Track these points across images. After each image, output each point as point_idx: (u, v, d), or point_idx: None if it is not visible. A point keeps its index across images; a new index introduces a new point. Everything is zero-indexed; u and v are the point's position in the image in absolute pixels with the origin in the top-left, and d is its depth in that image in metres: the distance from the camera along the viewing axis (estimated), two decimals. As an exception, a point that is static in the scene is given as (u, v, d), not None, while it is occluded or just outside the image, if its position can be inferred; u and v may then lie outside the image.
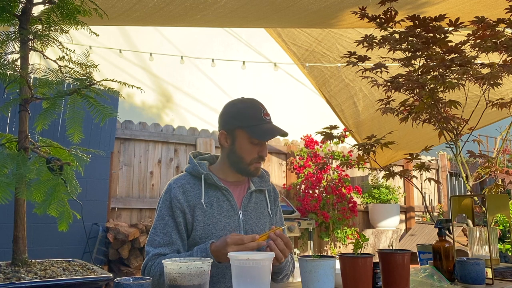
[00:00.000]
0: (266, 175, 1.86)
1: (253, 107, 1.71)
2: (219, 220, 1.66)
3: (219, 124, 1.78)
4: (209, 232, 1.63)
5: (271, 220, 1.81)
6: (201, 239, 1.63)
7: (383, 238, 5.77)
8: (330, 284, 1.25)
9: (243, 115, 1.69)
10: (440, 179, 7.20)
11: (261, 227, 1.74)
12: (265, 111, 1.71)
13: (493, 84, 2.09)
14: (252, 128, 1.67)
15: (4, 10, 1.23)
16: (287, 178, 5.82)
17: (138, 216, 4.72)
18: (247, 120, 1.68)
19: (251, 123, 1.68)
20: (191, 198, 1.67)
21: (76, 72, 1.27)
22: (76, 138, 1.25)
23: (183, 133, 5.14)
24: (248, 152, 1.69)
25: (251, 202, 1.76)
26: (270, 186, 1.86)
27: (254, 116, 1.68)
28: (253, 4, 2.56)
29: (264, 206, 1.81)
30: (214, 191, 1.70)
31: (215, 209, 1.67)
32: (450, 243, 1.62)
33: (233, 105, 1.75)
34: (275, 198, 1.89)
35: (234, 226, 1.68)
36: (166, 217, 1.66)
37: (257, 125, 1.67)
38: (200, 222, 1.64)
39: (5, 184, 1.06)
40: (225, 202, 1.70)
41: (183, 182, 1.71)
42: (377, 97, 3.16)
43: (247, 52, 6.43)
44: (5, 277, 1.04)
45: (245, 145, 1.69)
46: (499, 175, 2.25)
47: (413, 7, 2.49)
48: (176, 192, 1.67)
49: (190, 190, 1.69)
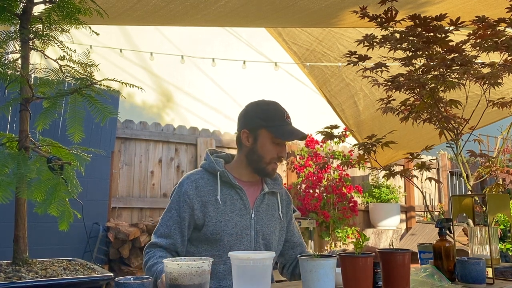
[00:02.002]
0: (280, 178, 1.90)
1: (277, 108, 1.78)
2: (231, 217, 1.69)
3: (239, 123, 1.81)
4: (221, 229, 1.67)
5: (281, 223, 1.85)
6: (212, 235, 1.66)
7: (383, 238, 5.77)
8: (330, 284, 1.25)
9: (267, 115, 1.74)
10: (440, 179, 7.20)
11: (271, 228, 1.78)
12: (287, 114, 1.78)
13: (494, 83, 2.09)
14: (276, 128, 1.72)
15: (5, 10, 1.23)
16: (288, 178, 5.82)
17: (139, 215, 4.72)
18: (271, 120, 1.73)
19: (275, 124, 1.73)
20: (204, 193, 1.70)
21: (77, 72, 1.27)
22: (77, 137, 1.26)
23: (183, 133, 5.14)
24: (269, 151, 1.73)
25: (263, 203, 1.79)
26: (283, 190, 1.90)
27: (278, 117, 1.74)
28: (254, 4, 2.56)
29: (276, 209, 1.84)
30: (228, 189, 1.74)
31: (228, 207, 1.70)
32: (451, 242, 1.62)
33: (257, 105, 1.79)
34: (288, 202, 1.93)
35: (246, 224, 1.71)
36: (173, 211, 1.71)
37: (281, 126, 1.73)
38: (212, 218, 1.67)
39: (6, 184, 1.06)
40: (239, 200, 1.73)
41: (197, 177, 1.75)
42: (378, 96, 3.16)
43: (248, 52, 6.42)
44: (6, 276, 1.04)
45: (267, 145, 1.74)
46: (499, 174, 2.25)
47: (414, 7, 2.48)
48: (188, 187, 1.71)
49: (203, 185, 1.72)
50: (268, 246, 1.76)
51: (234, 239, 1.67)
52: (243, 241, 1.69)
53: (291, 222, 1.92)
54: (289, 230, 1.90)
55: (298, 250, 1.90)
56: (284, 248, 1.89)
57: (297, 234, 1.93)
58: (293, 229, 1.92)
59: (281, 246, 1.86)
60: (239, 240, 1.68)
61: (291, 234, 1.90)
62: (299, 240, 1.93)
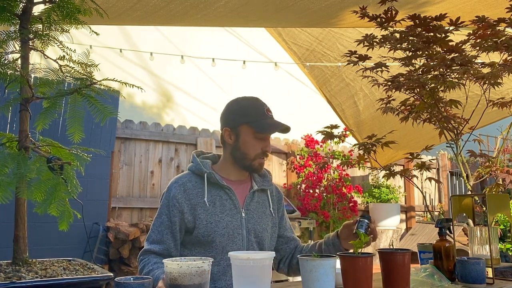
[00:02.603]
0: (269, 174, 1.89)
1: (256, 103, 1.76)
2: (222, 218, 1.68)
3: (221, 122, 1.80)
4: (212, 230, 1.65)
5: (273, 219, 1.84)
6: (204, 237, 1.65)
7: (383, 238, 5.77)
8: (330, 284, 1.25)
9: (247, 111, 1.73)
10: (440, 179, 7.20)
11: (263, 226, 1.77)
12: (267, 108, 1.76)
13: (494, 83, 2.09)
14: (256, 123, 1.71)
15: (5, 10, 1.23)
16: (288, 178, 5.82)
17: (139, 215, 4.72)
18: (251, 116, 1.72)
19: (255, 118, 1.72)
20: (193, 196, 1.69)
21: (77, 72, 1.27)
22: (77, 137, 1.26)
23: (183, 133, 5.14)
24: (252, 147, 1.72)
25: (253, 201, 1.78)
26: (272, 186, 1.90)
27: (258, 111, 1.73)
28: (254, 4, 2.56)
29: (266, 205, 1.83)
30: (217, 190, 1.72)
31: (217, 208, 1.69)
32: (451, 242, 1.62)
33: (236, 103, 1.78)
34: (279, 198, 1.92)
35: (237, 224, 1.70)
36: (163, 216, 1.70)
37: (261, 120, 1.71)
38: (203, 221, 1.66)
39: (5, 184, 1.06)
40: (228, 200, 1.72)
41: (185, 180, 1.73)
42: (378, 96, 3.16)
43: (248, 52, 6.42)
44: (6, 277, 1.04)
45: (249, 141, 1.73)
46: (499, 174, 2.24)
47: (414, 7, 2.48)
48: (176, 191, 1.70)
49: (192, 188, 1.71)
50: (261, 243, 1.75)
51: (226, 240, 1.67)
52: (236, 240, 1.68)
53: (283, 218, 1.92)
54: (282, 226, 1.90)
55: (292, 244, 1.90)
56: (278, 243, 1.89)
57: (290, 229, 1.94)
58: (285, 224, 1.92)
59: (275, 243, 1.85)
60: (231, 240, 1.67)
61: (284, 229, 1.90)
62: (292, 235, 1.93)
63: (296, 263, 1.77)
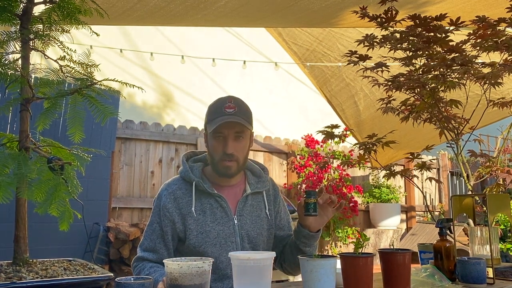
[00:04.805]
0: (264, 173, 1.78)
1: (218, 101, 1.65)
2: (213, 228, 1.61)
3: None
4: (203, 240, 1.60)
5: (269, 222, 1.74)
6: (196, 248, 1.60)
7: (384, 238, 5.77)
8: (330, 284, 1.25)
9: (209, 111, 1.66)
10: (441, 179, 7.20)
11: (257, 230, 1.68)
12: (230, 104, 1.60)
13: (494, 83, 2.09)
14: (210, 122, 1.62)
15: (5, 10, 1.23)
16: (288, 178, 5.82)
17: (139, 215, 4.72)
18: (208, 116, 1.65)
19: (211, 117, 1.63)
20: (183, 205, 1.63)
21: (77, 72, 1.27)
22: (77, 137, 1.26)
23: (184, 133, 5.14)
24: (214, 149, 1.63)
25: (246, 205, 1.69)
26: (268, 186, 1.78)
27: (215, 110, 1.63)
28: (254, 4, 2.56)
29: (262, 208, 1.73)
30: (207, 198, 1.65)
31: (208, 217, 1.62)
32: (451, 242, 1.62)
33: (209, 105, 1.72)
34: (275, 195, 1.81)
35: (229, 232, 1.63)
36: (155, 224, 1.65)
37: (215, 119, 1.60)
38: (193, 231, 1.60)
39: (6, 184, 1.06)
40: (219, 208, 1.64)
41: (175, 188, 1.66)
42: (378, 96, 3.16)
43: (248, 52, 6.42)
44: (7, 277, 1.04)
45: (210, 142, 1.66)
46: (500, 174, 2.24)
47: (414, 7, 2.48)
48: (166, 201, 1.64)
49: (182, 197, 1.64)
50: (256, 248, 1.67)
51: (218, 249, 1.60)
52: (229, 249, 1.61)
53: (278, 216, 1.79)
54: (275, 225, 1.78)
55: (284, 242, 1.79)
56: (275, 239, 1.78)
57: (286, 226, 1.81)
58: (279, 223, 1.79)
59: (271, 244, 1.76)
60: (224, 249, 1.60)
61: (277, 228, 1.78)
62: (287, 233, 1.81)
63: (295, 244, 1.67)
